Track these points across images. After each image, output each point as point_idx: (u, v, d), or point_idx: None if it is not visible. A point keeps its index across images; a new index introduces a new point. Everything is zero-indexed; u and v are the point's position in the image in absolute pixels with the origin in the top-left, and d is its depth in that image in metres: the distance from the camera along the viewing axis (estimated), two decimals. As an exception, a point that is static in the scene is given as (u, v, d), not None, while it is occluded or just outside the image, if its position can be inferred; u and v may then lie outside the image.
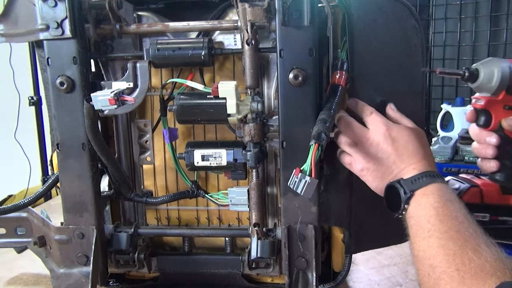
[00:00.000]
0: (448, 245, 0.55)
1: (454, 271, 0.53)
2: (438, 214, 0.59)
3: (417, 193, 0.62)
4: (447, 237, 0.56)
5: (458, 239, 0.55)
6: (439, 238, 0.57)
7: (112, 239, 0.85)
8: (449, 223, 0.58)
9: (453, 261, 0.54)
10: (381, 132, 0.68)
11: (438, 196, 0.61)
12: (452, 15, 2.44)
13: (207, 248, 0.94)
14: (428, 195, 0.62)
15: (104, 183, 0.89)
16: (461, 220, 0.58)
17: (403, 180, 0.64)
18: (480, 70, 0.68)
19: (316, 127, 0.65)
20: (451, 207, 0.59)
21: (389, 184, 0.66)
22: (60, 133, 0.79)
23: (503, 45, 2.34)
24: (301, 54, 0.72)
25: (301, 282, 0.78)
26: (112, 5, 0.76)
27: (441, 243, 0.56)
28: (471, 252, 0.53)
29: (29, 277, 1.04)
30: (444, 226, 0.57)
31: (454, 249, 0.54)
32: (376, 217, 0.79)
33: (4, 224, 0.94)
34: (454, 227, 0.57)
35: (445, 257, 0.55)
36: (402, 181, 0.64)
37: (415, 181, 0.63)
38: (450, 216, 0.58)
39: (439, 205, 0.60)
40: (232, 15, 0.84)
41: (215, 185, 0.91)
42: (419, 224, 0.61)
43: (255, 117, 0.75)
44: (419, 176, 0.63)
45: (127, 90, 0.75)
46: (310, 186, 0.62)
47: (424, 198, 0.62)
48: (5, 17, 0.78)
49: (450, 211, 0.59)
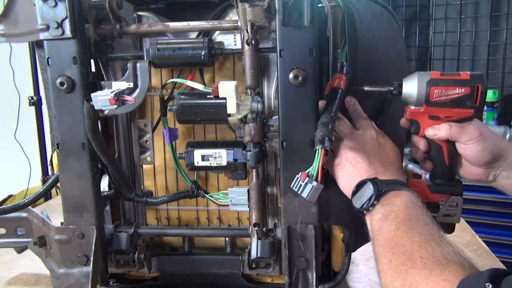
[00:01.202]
0: (414, 237, 0.60)
1: (417, 258, 0.57)
2: (408, 213, 0.63)
3: (390, 194, 0.66)
4: (414, 232, 0.61)
5: (424, 234, 0.60)
6: (406, 232, 0.61)
7: (112, 239, 0.85)
8: (417, 223, 0.62)
9: (417, 251, 0.58)
10: (371, 135, 0.74)
11: (409, 199, 0.65)
12: (452, 15, 2.44)
13: (207, 248, 0.94)
14: (399, 197, 0.66)
15: (104, 183, 0.89)
16: (427, 222, 0.62)
17: (378, 179, 0.67)
18: (403, 84, 0.73)
19: (320, 131, 0.66)
20: (420, 210, 0.64)
21: (363, 180, 0.68)
22: (60, 133, 0.79)
23: (503, 45, 2.35)
24: (301, 54, 0.72)
25: (301, 282, 0.78)
26: (112, 5, 0.76)
27: (408, 235, 0.60)
28: (435, 245, 0.57)
29: (29, 277, 1.04)
30: (412, 223, 0.62)
31: (420, 241, 0.59)
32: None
33: (4, 224, 0.94)
34: (420, 227, 0.61)
35: (410, 247, 0.59)
36: (377, 180, 0.67)
37: (389, 183, 0.67)
38: (418, 217, 0.63)
39: (410, 206, 0.64)
40: (232, 15, 0.84)
41: (215, 185, 0.91)
42: (387, 218, 0.64)
43: (255, 117, 0.75)
44: (393, 181, 0.67)
45: (127, 90, 0.75)
46: (316, 191, 0.64)
47: (396, 199, 0.65)
48: (5, 17, 0.78)
49: (418, 213, 0.63)
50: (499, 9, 2.34)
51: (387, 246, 0.62)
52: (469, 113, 0.71)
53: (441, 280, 0.53)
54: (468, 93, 0.70)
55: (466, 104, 0.71)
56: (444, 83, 0.71)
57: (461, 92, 0.70)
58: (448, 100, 0.71)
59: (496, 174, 0.73)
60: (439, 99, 0.71)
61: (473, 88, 0.70)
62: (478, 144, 0.70)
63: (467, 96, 0.70)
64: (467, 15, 2.40)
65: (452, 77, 0.71)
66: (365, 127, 0.75)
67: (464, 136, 0.71)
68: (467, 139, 0.71)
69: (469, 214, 2.04)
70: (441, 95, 0.71)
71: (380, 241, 0.63)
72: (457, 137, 0.72)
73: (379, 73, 0.81)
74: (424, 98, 0.71)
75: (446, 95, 0.70)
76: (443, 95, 0.70)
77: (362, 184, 0.68)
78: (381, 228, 0.64)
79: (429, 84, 0.70)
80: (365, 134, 0.74)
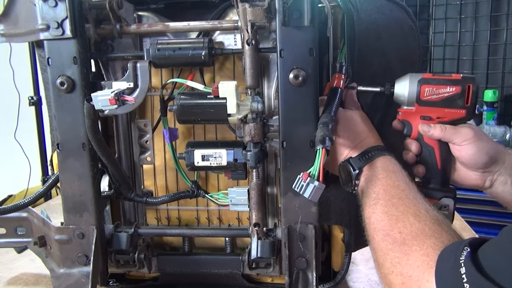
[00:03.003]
0: (391, 211, 0.61)
1: (396, 233, 0.58)
2: (382, 184, 0.65)
3: (365, 169, 0.68)
4: (390, 204, 0.62)
5: (400, 206, 0.61)
6: (383, 205, 0.63)
7: (112, 239, 0.85)
8: (392, 191, 0.63)
9: (395, 225, 0.59)
10: (338, 118, 0.73)
11: (381, 168, 0.67)
12: (452, 15, 2.44)
13: (207, 248, 0.94)
14: (373, 168, 0.67)
15: (104, 183, 0.89)
16: (402, 188, 0.63)
17: (351, 158, 0.69)
18: (395, 84, 0.74)
19: (321, 131, 0.66)
20: (394, 177, 0.65)
21: (341, 163, 0.71)
22: (60, 133, 0.79)
23: (503, 45, 2.35)
24: (301, 54, 0.72)
25: (301, 282, 0.78)
26: (112, 5, 0.76)
27: (384, 209, 0.62)
28: (412, 217, 0.59)
29: (29, 277, 1.04)
30: (387, 194, 0.63)
31: (397, 215, 0.60)
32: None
33: (4, 224, 0.94)
34: (397, 195, 0.63)
35: (388, 222, 0.60)
36: (351, 159, 0.69)
37: (362, 158, 0.69)
38: (392, 185, 0.64)
39: (383, 176, 0.66)
40: (232, 15, 0.84)
41: (215, 185, 0.91)
42: (366, 194, 0.66)
43: (255, 117, 0.75)
44: (365, 153, 0.69)
45: (128, 90, 0.75)
46: (318, 191, 0.64)
47: (370, 171, 0.67)
48: (5, 17, 0.78)
49: (393, 181, 0.65)
50: (499, 9, 2.34)
51: (369, 223, 0.64)
52: (461, 113, 0.72)
53: (420, 255, 0.54)
54: (459, 92, 0.70)
55: (457, 103, 0.71)
56: (435, 82, 0.72)
57: (452, 91, 0.71)
58: (439, 99, 0.71)
59: (493, 179, 0.72)
60: (430, 98, 0.72)
61: (464, 87, 0.71)
62: (473, 145, 0.70)
63: (458, 95, 0.71)
64: (467, 15, 2.40)
65: (444, 77, 0.72)
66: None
67: (458, 137, 0.71)
68: (461, 139, 0.71)
69: (469, 214, 2.04)
70: (432, 94, 0.71)
71: (365, 218, 0.66)
72: (451, 138, 0.71)
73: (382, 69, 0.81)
74: (415, 96, 0.72)
75: (437, 93, 0.71)
76: (434, 93, 0.71)
77: (341, 168, 0.71)
78: (363, 206, 0.66)
79: (420, 82, 0.72)
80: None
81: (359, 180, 0.68)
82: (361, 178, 0.68)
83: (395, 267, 0.55)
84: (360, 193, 0.69)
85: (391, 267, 0.56)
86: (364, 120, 0.75)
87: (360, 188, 0.69)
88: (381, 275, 0.59)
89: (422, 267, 0.52)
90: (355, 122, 0.74)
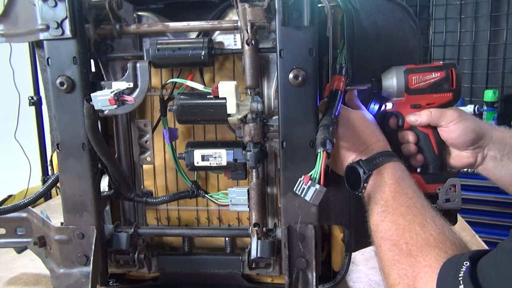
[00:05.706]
0: (399, 220, 0.62)
1: (403, 244, 0.59)
2: (390, 191, 0.65)
3: (374, 172, 0.68)
4: (398, 213, 0.63)
5: (408, 215, 0.62)
6: (391, 214, 0.63)
7: (112, 239, 0.84)
8: (401, 199, 0.64)
9: (402, 235, 0.60)
10: (341, 121, 0.73)
11: (391, 174, 0.67)
12: (452, 15, 2.44)
13: (207, 248, 0.94)
14: (382, 173, 0.67)
15: (104, 183, 0.89)
16: (410, 196, 0.64)
17: (362, 161, 0.69)
18: (382, 78, 0.76)
19: (321, 134, 0.66)
20: (402, 184, 0.66)
21: (350, 165, 0.70)
22: (60, 133, 0.79)
23: (503, 45, 2.35)
24: (301, 54, 0.72)
25: (301, 282, 0.78)
26: (112, 5, 0.76)
27: (393, 218, 0.63)
28: (418, 227, 0.59)
29: (29, 277, 1.04)
30: (395, 202, 0.64)
31: (404, 224, 0.61)
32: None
33: (4, 224, 0.94)
34: (405, 203, 0.63)
35: (395, 232, 0.61)
36: (361, 162, 0.69)
37: (372, 161, 0.68)
38: (401, 192, 0.65)
39: (392, 182, 0.66)
40: (232, 15, 0.84)
41: (215, 185, 0.91)
42: (374, 200, 0.66)
43: (255, 117, 0.75)
44: (375, 157, 0.69)
45: (127, 90, 0.75)
46: (319, 194, 0.64)
47: (380, 176, 0.67)
48: (5, 17, 0.78)
49: (401, 188, 0.65)
50: (499, 9, 2.35)
51: (376, 231, 0.64)
52: (448, 97, 0.75)
53: (423, 266, 0.55)
54: (444, 77, 0.74)
55: (444, 87, 0.75)
56: (420, 70, 0.75)
57: (437, 76, 0.74)
58: (427, 86, 0.74)
59: (484, 154, 0.74)
60: (418, 86, 0.74)
61: (447, 71, 0.74)
62: (459, 124, 0.72)
63: (443, 79, 0.74)
64: (467, 15, 2.41)
65: (426, 65, 0.75)
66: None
67: (444, 119, 0.73)
68: (447, 121, 0.73)
69: (469, 214, 2.05)
70: (420, 81, 0.74)
71: (371, 224, 0.66)
72: (438, 121, 0.73)
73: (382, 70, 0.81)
74: (404, 86, 0.74)
75: (424, 80, 0.74)
76: (421, 81, 0.74)
77: (350, 169, 0.70)
78: (370, 212, 0.67)
79: (406, 72, 0.75)
80: (340, 122, 0.73)
81: (367, 183, 0.68)
82: (370, 181, 0.68)
83: (402, 278, 0.57)
84: (367, 198, 0.69)
85: (397, 278, 0.57)
86: (372, 123, 0.75)
87: (367, 192, 0.69)
88: (387, 285, 0.60)
89: (424, 280, 0.54)
90: (363, 124, 0.73)
